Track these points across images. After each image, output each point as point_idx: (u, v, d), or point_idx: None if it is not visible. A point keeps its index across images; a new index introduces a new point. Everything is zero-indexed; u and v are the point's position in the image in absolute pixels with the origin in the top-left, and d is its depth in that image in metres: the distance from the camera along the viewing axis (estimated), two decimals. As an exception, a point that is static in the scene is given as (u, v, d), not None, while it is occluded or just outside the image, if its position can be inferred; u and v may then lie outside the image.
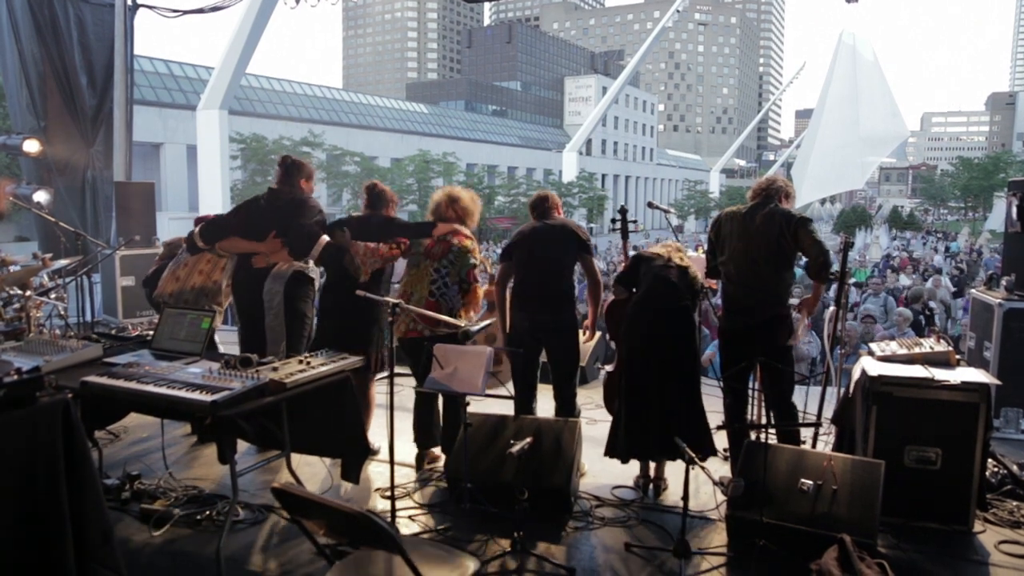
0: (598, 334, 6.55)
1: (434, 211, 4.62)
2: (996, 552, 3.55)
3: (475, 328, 3.87)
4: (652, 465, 4.27)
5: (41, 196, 7.36)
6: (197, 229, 4.81)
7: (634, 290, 4.32)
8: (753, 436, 4.05)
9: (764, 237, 4.16)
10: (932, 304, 12.10)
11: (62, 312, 6.21)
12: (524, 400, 4.50)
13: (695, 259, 4.50)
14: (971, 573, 3.42)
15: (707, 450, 4.02)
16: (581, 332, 4.53)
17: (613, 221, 4.73)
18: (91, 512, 2.80)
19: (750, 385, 4.42)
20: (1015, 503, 3.98)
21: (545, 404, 4.62)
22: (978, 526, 3.74)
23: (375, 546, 2.38)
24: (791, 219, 4.17)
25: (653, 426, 4.05)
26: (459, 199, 4.60)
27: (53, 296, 6.03)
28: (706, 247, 4.51)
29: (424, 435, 4.54)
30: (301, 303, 4.67)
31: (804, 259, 4.23)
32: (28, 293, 5.34)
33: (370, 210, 4.72)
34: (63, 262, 5.95)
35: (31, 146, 7.55)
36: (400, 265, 5.47)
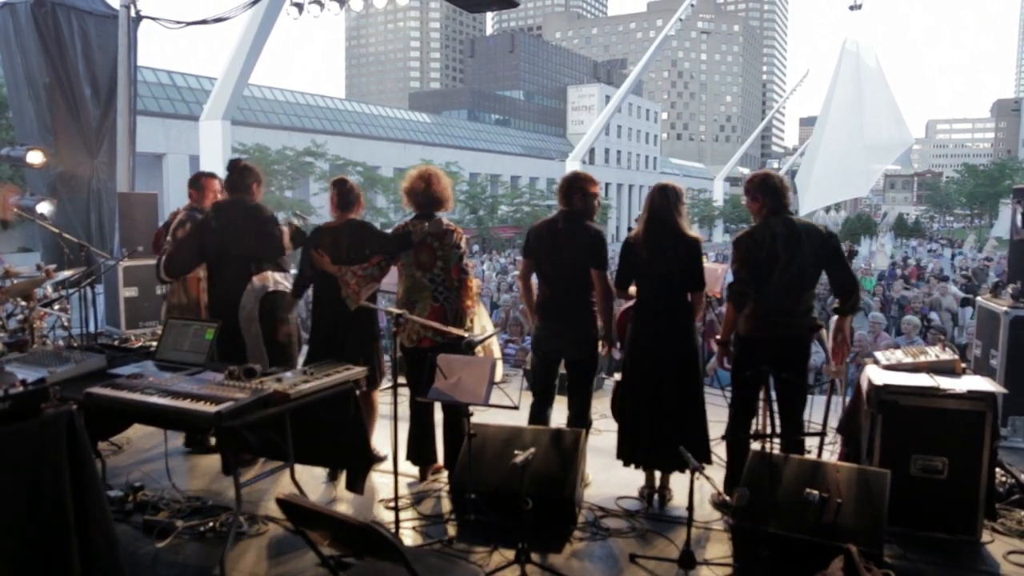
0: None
1: (410, 196, 4.42)
2: (1005, 563, 3.52)
3: (477, 339, 3.86)
4: (657, 475, 4.25)
5: (45, 207, 7.38)
6: (162, 266, 4.87)
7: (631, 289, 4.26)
8: (758, 446, 4.02)
9: (802, 254, 3.92)
10: (933, 315, 12.05)
11: (65, 323, 6.21)
12: (540, 410, 4.45)
13: (708, 270, 4.43)
14: (979, 584, 3.40)
15: (702, 459, 3.94)
16: (600, 344, 4.38)
17: (630, 230, 4.53)
18: (96, 523, 2.79)
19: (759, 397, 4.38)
20: (1023, 513, 3.96)
21: (558, 416, 4.59)
22: (986, 536, 3.71)
23: (379, 557, 2.37)
24: (824, 237, 3.98)
25: (651, 434, 4.05)
26: (438, 177, 4.43)
27: (57, 307, 6.04)
28: (735, 267, 4.08)
29: (422, 451, 4.46)
30: (282, 315, 4.58)
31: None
32: (32, 304, 5.35)
33: (339, 211, 4.52)
34: (66, 273, 5.95)
35: (35, 157, 7.57)
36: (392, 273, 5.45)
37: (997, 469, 4.06)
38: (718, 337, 4.27)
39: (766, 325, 3.99)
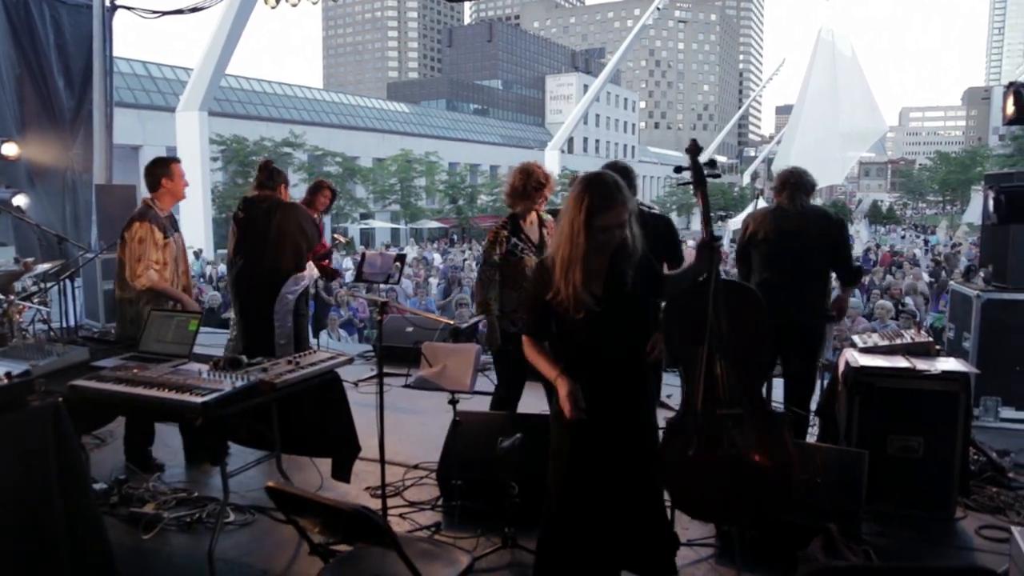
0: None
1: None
2: (977, 537, 3.63)
3: (464, 325, 3.89)
4: None
5: (20, 200, 7.29)
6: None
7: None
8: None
9: (804, 238, 4.06)
10: (908, 300, 12.22)
11: (45, 317, 6.15)
12: None
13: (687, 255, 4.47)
14: (954, 558, 3.49)
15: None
16: None
17: (678, 170, 3.27)
18: (84, 516, 2.80)
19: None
20: (995, 489, 4.07)
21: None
22: (960, 512, 3.82)
23: (370, 543, 2.39)
24: (831, 219, 4.13)
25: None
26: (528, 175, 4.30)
27: (36, 301, 5.98)
28: (735, 251, 4.31)
29: None
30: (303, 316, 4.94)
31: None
32: (11, 298, 5.29)
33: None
34: (45, 266, 5.89)
35: (8, 149, 7.47)
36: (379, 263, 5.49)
37: (970, 447, 4.16)
38: None
39: (772, 311, 4.01)
